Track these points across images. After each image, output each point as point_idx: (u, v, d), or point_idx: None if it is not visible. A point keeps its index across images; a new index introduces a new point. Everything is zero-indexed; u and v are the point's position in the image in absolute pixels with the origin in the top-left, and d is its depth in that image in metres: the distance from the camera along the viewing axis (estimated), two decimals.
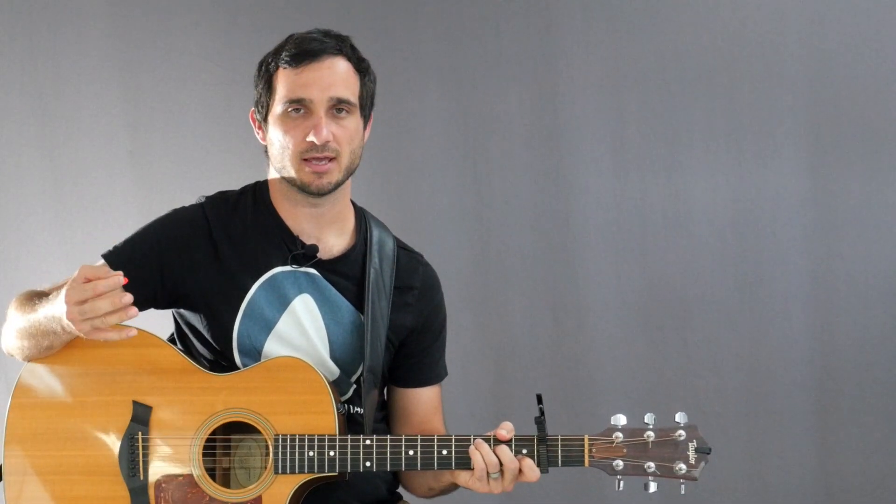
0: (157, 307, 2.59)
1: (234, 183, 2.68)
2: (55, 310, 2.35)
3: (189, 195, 2.65)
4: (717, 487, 3.80)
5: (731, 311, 3.85)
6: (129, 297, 2.25)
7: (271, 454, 2.40)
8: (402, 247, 2.69)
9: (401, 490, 2.74)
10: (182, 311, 2.58)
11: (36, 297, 2.48)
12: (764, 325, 3.84)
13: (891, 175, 3.75)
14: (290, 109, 2.47)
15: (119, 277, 2.26)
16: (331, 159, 2.47)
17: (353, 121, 2.51)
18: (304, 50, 2.47)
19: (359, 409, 2.60)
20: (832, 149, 3.77)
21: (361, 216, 2.66)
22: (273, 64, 2.51)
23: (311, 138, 2.44)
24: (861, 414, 3.80)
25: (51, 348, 2.45)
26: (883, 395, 3.78)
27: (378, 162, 3.74)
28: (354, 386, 2.60)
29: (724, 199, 3.83)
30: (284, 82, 2.48)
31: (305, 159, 2.46)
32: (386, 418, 2.72)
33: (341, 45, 2.51)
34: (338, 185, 2.50)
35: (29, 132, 3.90)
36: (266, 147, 2.57)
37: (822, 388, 3.81)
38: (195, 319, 2.56)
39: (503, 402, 3.90)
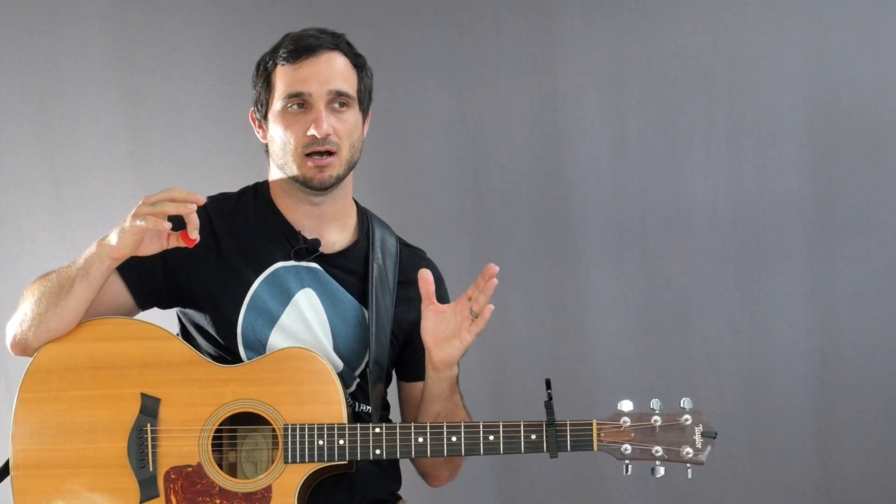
0: (161, 307, 2.59)
1: (235, 183, 2.69)
2: (98, 241, 2.39)
3: None
4: (717, 486, 3.79)
5: (731, 311, 3.85)
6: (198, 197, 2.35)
7: (280, 444, 2.40)
8: (404, 244, 2.71)
9: (401, 491, 2.73)
10: (186, 309, 2.58)
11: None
12: (764, 325, 3.83)
13: (891, 175, 3.76)
14: (289, 105, 2.49)
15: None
16: (332, 153, 2.48)
17: (353, 114, 2.53)
18: (301, 46, 2.50)
19: (363, 407, 2.60)
20: (832, 149, 3.78)
21: (363, 215, 2.67)
22: (271, 62, 2.53)
23: (312, 132, 2.46)
24: (861, 414, 3.79)
25: (73, 297, 2.40)
26: (883, 395, 3.79)
27: (378, 161, 3.73)
28: (358, 380, 2.60)
29: (724, 199, 3.83)
30: (283, 79, 2.50)
31: (307, 154, 2.48)
32: (386, 418, 2.71)
33: (337, 41, 2.54)
34: (339, 178, 2.52)
35: (29, 132, 3.89)
36: (266, 146, 2.59)
37: (822, 388, 3.81)
38: (200, 318, 2.56)
39: (503, 401, 3.88)
